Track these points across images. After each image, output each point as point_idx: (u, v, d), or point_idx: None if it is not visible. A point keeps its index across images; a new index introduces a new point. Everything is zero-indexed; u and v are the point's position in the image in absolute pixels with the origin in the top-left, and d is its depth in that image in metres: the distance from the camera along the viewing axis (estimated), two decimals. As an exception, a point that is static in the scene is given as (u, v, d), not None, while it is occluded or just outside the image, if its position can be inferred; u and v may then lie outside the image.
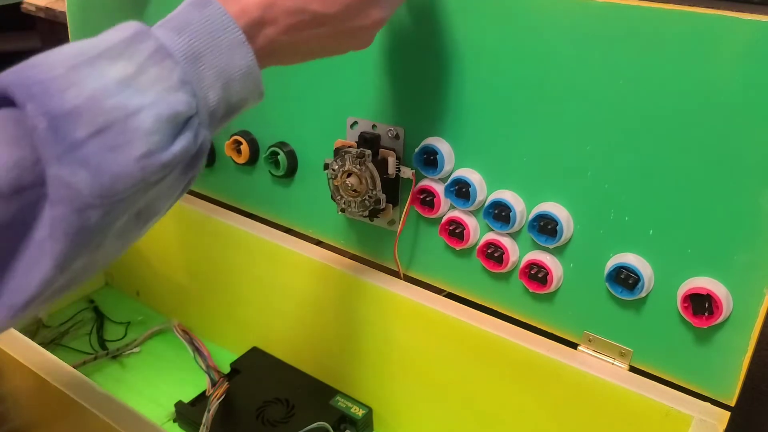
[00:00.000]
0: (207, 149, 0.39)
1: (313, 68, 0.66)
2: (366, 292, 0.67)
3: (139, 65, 0.35)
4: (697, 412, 0.52)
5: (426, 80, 0.60)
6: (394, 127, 0.63)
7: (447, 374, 0.64)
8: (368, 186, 0.62)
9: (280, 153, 0.70)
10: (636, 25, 0.49)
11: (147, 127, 0.34)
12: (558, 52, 0.53)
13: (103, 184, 0.33)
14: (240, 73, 0.39)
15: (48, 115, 0.32)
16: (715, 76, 0.47)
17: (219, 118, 0.40)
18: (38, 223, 0.33)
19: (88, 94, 0.33)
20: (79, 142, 0.33)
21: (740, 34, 0.45)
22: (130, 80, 0.35)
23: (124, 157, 0.34)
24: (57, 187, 0.33)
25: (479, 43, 0.56)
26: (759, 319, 0.50)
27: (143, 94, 0.35)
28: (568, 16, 0.51)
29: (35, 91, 0.33)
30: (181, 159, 0.37)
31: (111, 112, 0.34)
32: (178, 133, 0.36)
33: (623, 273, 0.53)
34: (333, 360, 0.72)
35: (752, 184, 0.48)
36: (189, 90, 0.37)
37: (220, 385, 0.69)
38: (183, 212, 0.79)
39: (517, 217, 0.57)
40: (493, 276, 0.61)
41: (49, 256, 0.33)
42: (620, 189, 0.53)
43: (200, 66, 0.38)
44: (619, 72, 0.50)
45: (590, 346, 0.57)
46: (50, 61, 0.34)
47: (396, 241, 0.65)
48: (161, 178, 0.36)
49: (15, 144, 0.33)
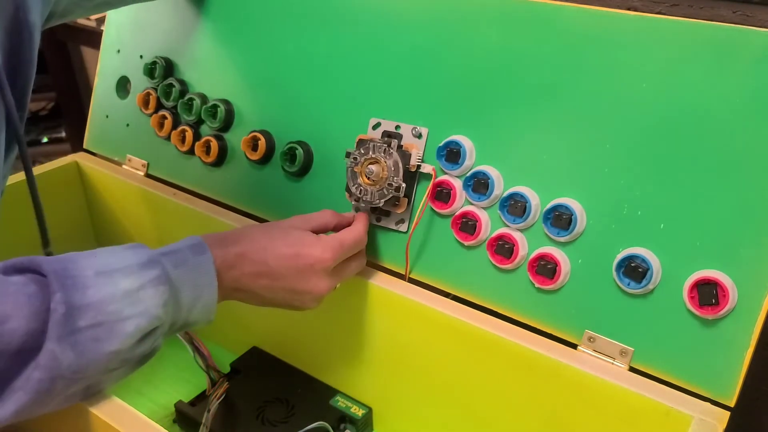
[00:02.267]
0: (156, 352, 0.51)
1: (338, 71, 0.70)
2: (366, 291, 0.67)
3: (142, 284, 0.47)
4: (697, 412, 0.52)
5: (452, 82, 0.64)
6: (418, 127, 0.65)
7: (447, 374, 0.64)
8: (390, 174, 0.63)
9: (298, 148, 0.72)
10: (660, 36, 0.54)
11: (128, 332, 0.46)
12: (584, 58, 0.57)
13: (80, 364, 0.44)
14: (203, 305, 0.53)
15: (68, 304, 0.43)
16: (728, 82, 0.52)
17: (173, 332, 0.53)
18: (19, 377, 0.43)
19: (100, 297, 0.45)
20: (77, 330, 0.44)
21: (752, 45, 0.51)
22: (133, 293, 0.46)
23: (102, 349, 0.45)
24: (47, 357, 0.43)
25: (505, 46, 0.61)
26: (762, 313, 0.51)
27: (136, 306, 0.46)
28: (595, 26, 0.57)
29: (68, 283, 0.44)
30: (139, 358, 0.49)
31: (109, 314, 0.45)
32: (144, 339, 0.48)
33: (633, 263, 0.54)
34: (333, 360, 0.72)
35: (759, 181, 0.51)
36: (167, 311, 0.49)
37: (220, 385, 0.69)
38: (182, 211, 0.79)
39: (533, 209, 0.59)
40: (499, 272, 0.62)
41: (15, 403, 0.43)
42: (635, 184, 0.56)
43: (180, 293, 0.50)
44: (642, 77, 0.55)
45: (591, 345, 0.57)
46: (84, 263, 0.46)
47: (411, 233, 0.66)
48: (117, 368, 0.48)
49: (34, 318, 0.43)
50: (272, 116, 0.75)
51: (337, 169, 0.70)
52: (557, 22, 0.58)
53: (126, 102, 0.87)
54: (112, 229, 0.90)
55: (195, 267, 0.52)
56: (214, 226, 0.76)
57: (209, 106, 0.78)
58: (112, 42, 0.88)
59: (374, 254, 0.69)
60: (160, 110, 0.83)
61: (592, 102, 0.57)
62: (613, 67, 0.56)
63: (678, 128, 0.54)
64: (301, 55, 0.73)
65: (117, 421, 0.49)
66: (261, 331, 0.78)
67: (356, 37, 0.69)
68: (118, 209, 0.88)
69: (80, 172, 0.90)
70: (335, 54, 0.71)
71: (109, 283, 0.46)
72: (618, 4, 0.64)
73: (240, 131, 0.77)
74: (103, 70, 0.90)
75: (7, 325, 0.42)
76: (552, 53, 0.59)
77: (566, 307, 0.59)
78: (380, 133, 0.67)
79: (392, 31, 0.67)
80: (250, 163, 0.76)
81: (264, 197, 0.76)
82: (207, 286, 0.53)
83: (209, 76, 0.80)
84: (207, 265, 0.53)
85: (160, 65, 0.82)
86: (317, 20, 0.72)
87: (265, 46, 0.76)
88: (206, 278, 0.53)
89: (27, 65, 0.53)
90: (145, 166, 0.85)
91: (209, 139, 0.78)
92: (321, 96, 0.72)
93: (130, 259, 0.48)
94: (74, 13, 0.67)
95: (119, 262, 0.47)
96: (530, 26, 0.60)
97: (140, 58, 0.85)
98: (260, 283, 0.57)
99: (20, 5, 0.51)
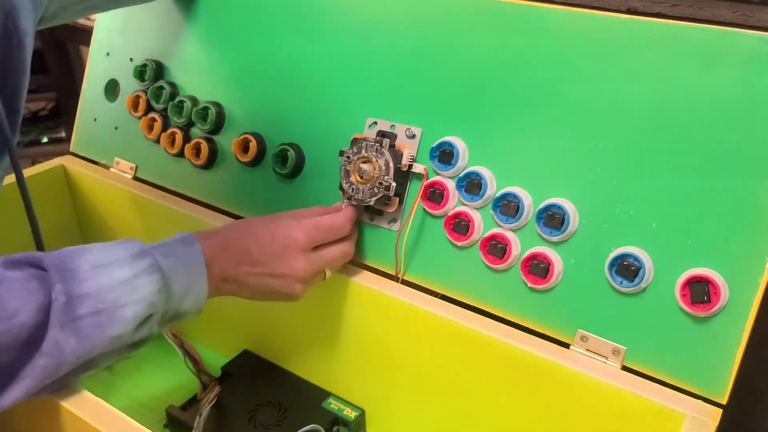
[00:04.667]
0: (152, 338, 0.53)
1: (329, 73, 0.70)
2: (358, 293, 0.66)
3: (136, 273, 0.50)
4: (690, 410, 0.52)
5: (446, 84, 0.64)
6: (412, 128, 0.65)
7: (440, 375, 0.64)
8: (381, 173, 0.63)
9: (290, 150, 0.71)
10: (650, 38, 0.55)
11: (127, 317, 0.49)
12: (576, 60, 0.58)
13: (83, 349, 0.47)
14: (194, 294, 0.55)
15: (68, 294, 0.46)
16: (717, 84, 0.53)
17: (166, 321, 0.54)
18: (26, 365, 0.46)
19: (98, 287, 0.48)
20: (79, 317, 0.46)
21: (740, 47, 0.52)
22: (129, 281, 0.49)
23: (104, 334, 0.48)
24: (51, 344, 0.45)
25: (498, 49, 0.61)
26: (753, 310, 0.51)
27: (132, 293, 0.49)
28: (587, 29, 0.57)
29: (67, 276, 0.47)
30: (136, 342, 0.51)
31: (108, 302, 0.48)
32: (141, 325, 0.50)
33: (626, 261, 0.55)
34: (325, 362, 0.72)
35: (749, 178, 0.51)
36: (161, 297, 0.51)
37: (212, 389, 0.69)
38: (172, 214, 0.79)
39: (525, 209, 0.59)
40: (492, 272, 0.62)
41: (23, 389, 0.46)
42: (627, 184, 0.56)
43: (172, 282, 0.53)
44: (633, 78, 0.56)
45: (583, 345, 0.58)
46: (80, 259, 0.48)
47: (400, 233, 0.66)
48: (116, 351, 0.50)
49: (40, 311, 0.45)
50: (263, 118, 0.75)
51: (329, 171, 0.70)
52: (549, 24, 0.59)
53: (114, 105, 0.87)
54: (100, 234, 0.89)
55: (184, 257, 0.55)
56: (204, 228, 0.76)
57: (200, 109, 0.77)
58: (101, 45, 0.88)
59: (367, 254, 0.69)
60: (149, 113, 0.82)
61: (583, 103, 0.58)
62: (604, 68, 0.57)
63: (669, 128, 0.54)
64: (293, 57, 0.73)
65: (108, 428, 0.48)
66: (252, 334, 0.78)
67: (348, 39, 0.69)
68: (106, 213, 0.87)
69: (67, 176, 0.89)
70: (327, 56, 0.71)
71: (106, 275, 0.48)
72: (618, 5, 0.64)
73: (231, 133, 0.77)
74: (91, 73, 0.89)
75: (17, 319, 0.44)
76: (544, 55, 0.59)
77: (559, 306, 0.59)
78: (375, 133, 0.67)
79: (385, 32, 0.67)
80: (241, 165, 0.76)
81: (255, 199, 0.76)
82: (197, 275, 0.55)
83: (200, 78, 0.80)
84: (196, 255, 0.55)
85: (150, 68, 0.81)
86: (309, 23, 0.72)
87: (257, 48, 0.75)
88: (196, 268, 0.55)
89: (17, 71, 0.54)
90: (134, 169, 0.85)
91: (199, 142, 0.77)
92: (313, 98, 0.72)
93: (123, 252, 0.51)
94: (62, 17, 0.67)
95: (113, 255, 0.50)
96: (522, 29, 0.60)
97: (130, 61, 0.85)
98: (243, 270, 0.58)
99: (9, 12, 0.52)
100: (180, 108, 0.79)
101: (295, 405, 0.70)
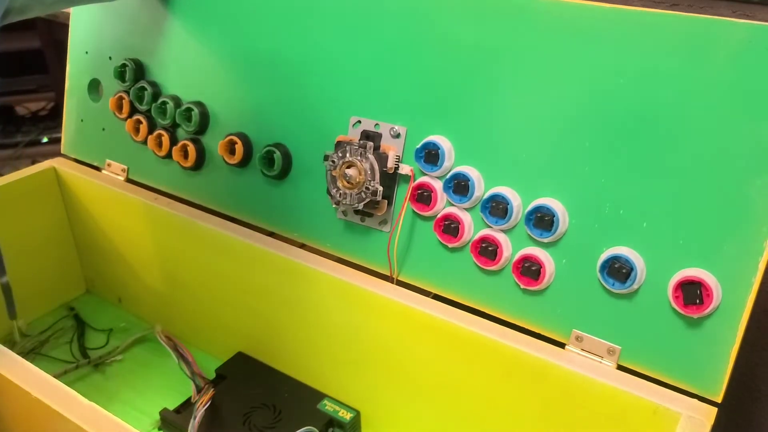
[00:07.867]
0: None
1: (313, 70, 0.69)
2: (352, 294, 0.66)
3: None
4: (685, 409, 0.52)
5: (431, 80, 0.62)
6: (396, 126, 0.64)
7: (435, 376, 0.64)
8: (367, 177, 0.62)
9: (276, 152, 0.70)
10: (637, 29, 0.53)
11: None
12: (562, 53, 0.56)
13: None
14: None
15: None
16: (706, 77, 0.51)
17: None
18: None
19: None
20: None
21: (730, 37, 0.50)
22: None
23: None
24: None
25: (480, 43, 0.59)
26: (746, 309, 0.51)
27: None
28: (570, 19, 0.55)
29: None
30: None
31: None
32: None
33: (617, 263, 0.54)
34: (319, 363, 0.72)
35: (740, 175, 0.50)
36: None
37: (206, 392, 0.68)
38: (164, 216, 0.78)
39: (514, 210, 0.58)
40: (484, 273, 0.61)
41: None
42: (617, 183, 0.55)
43: None
44: (619, 73, 0.54)
45: (578, 345, 0.58)
46: None
47: (390, 235, 0.65)
48: None
49: None
50: (248, 117, 0.74)
51: (319, 170, 0.69)
52: (533, 16, 0.57)
53: (99, 105, 0.85)
54: (93, 236, 0.88)
55: None
56: (197, 231, 0.76)
57: (183, 109, 0.76)
58: (79, 42, 0.86)
59: (360, 255, 0.69)
60: (134, 114, 0.81)
61: (570, 99, 0.56)
62: (592, 62, 0.55)
63: (657, 125, 0.53)
64: (275, 54, 0.71)
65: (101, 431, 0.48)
66: (246, 336, 0.77)
67: (331, 35, 0.68)
68: (98, 215, 0.87)
69: (58, 178, 0.88)
70: (309, 52, 0.69)
71: None
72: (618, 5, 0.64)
73: (216, 134, 0.76)
74: (72, 73, 0.87)
75: None
76: (528, 49, 0.57)
77: (553, 307, 0.59)
78: (360, 132, 0.66)
79: (367, 27, 0.65)
80: (230, 167, 0.75)
81: (246, 200, 0.75)
82: None
83: (181, 77, 0.78)
84: None
85: (130, 68, 0.80)
86: (291, 18, 0.70)
87: (237, 45, 0.74)
88: None
89: None
90: (125, 170, 0.84)
91: (186, 144, 0.76)
92: (297, 96, 0.70)
93: None
94: (33, 10, 0.64)
95: None
96: (505, 21, 0.58)
97: (109, 60, 0.83)
98: None
99: None
100: (163, 110, 0.77)
101: (289, 407, 0.70)
